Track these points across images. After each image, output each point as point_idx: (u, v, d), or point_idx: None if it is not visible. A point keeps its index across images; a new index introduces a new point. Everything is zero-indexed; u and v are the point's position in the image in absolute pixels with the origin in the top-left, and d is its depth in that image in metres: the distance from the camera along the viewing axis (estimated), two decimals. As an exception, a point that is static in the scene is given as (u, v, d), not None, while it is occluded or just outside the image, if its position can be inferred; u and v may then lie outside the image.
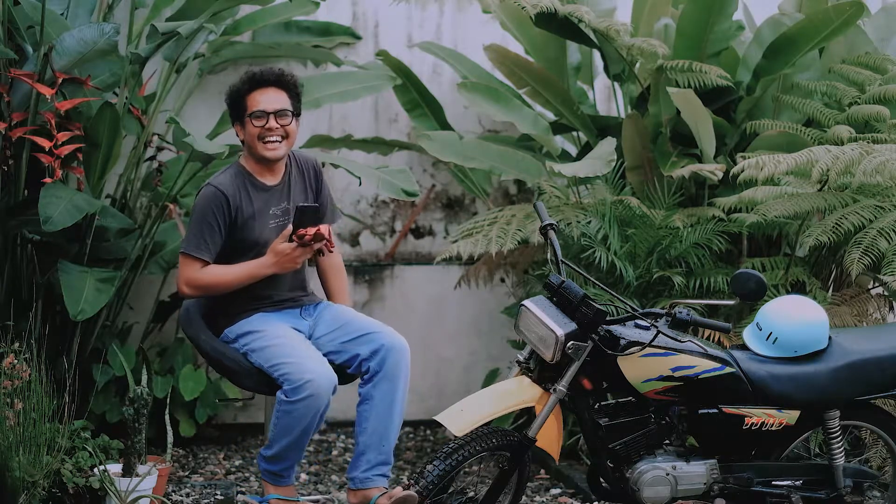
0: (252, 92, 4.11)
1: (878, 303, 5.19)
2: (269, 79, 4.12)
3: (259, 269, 4.05)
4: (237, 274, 4.07)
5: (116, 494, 4.35)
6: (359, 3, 6.30)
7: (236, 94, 4.13)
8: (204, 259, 4.05)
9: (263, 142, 4.08)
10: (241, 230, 4.10)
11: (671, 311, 3.76)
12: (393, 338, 4.10)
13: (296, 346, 4.05)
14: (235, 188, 4.11)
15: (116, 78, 5.16)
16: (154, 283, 5.83)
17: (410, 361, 4.19)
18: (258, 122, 4.07)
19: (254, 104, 4.09)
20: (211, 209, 4.06)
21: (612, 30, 5.28)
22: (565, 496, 5.09)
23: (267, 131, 4.07)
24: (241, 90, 4.12)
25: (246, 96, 4.11)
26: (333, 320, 4.23)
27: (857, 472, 4.25)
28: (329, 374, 3.99)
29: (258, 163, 4.16)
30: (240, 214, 4.09)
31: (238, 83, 4.15)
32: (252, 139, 4.10)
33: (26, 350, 4.41)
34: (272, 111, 4.08)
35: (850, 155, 4.54)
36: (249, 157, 4.19)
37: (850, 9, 5.16)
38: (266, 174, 4.18)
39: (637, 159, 5.44)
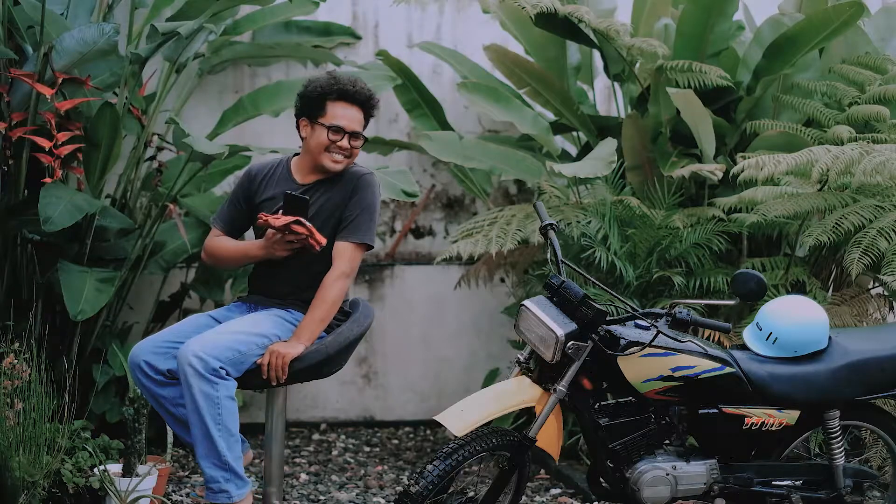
0: (337, 102, 4.09)
1: (878, 303, 5.19)
2: (358, 99, 4.11)
3: (252, 248, 4.14)
4: (233, 248, 4.21)
5: (116, 494, 4.35)
6: (359, 3, 6.30)
7: (318, 95, 4.10)
8: (219, 228, 4.25)
9: (329, 153, 4.10)
10: (255, 212, 4.16)
11: (671, 311, 3.76)
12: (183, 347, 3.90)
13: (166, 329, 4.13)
14: (266, 171, 4.23)
15: (116, 78, 5.16)
16: (154, 283, 5.84)
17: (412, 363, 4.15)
18: (334, 135, 4.08)
19: (335, 116, 4.08)
20: (238, 185, 4.27)
21: (612, 30, 5.28)
22: (565, 496, 5.09)
23: (337, 147, 4.09)
24: (326, 94, 4.09)
25: (328, 102, 4.09)
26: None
27: (857, 472, 4.25)
28: (137, 352, 3.98)
29: (307, 163, 4.18)
30: (258, 195, 4.19)
31: (325, 84, 4.10)
32: (319, 146, 4.10)
33: (26, 350, 4.41)
34: (350, 131, 4.09)
35: (850, 155, 4.54)
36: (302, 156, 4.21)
37: (849, 9, 5.16)
38: (302, 173, 4.20)
39: (637, 159, 5.44)
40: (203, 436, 3.91)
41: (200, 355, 3.83)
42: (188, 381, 3.85)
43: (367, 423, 6.34)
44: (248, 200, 4.22)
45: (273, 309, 4.15)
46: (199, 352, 3.84)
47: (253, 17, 5.87)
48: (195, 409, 3.86)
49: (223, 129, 5.67)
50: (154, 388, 3.99)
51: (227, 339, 3.92)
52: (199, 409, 3.87)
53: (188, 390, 3.85)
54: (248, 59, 6.12)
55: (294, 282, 4.14)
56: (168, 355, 3.98)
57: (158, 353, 3.98)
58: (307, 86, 4.14)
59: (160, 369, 3.97)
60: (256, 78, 6.20)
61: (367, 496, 5.08)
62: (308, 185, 4.15)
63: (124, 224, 5.27)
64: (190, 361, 3.83)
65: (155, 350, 3.98)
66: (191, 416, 3.88)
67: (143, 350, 3.98)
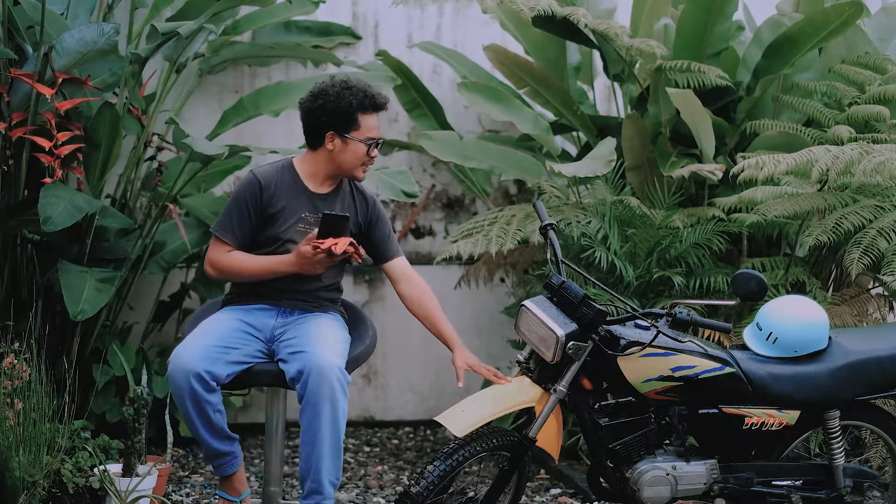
0: (367, 114, 4.05)
1: (878, 303, 5.19)
2: (382, 105, 4.09)
3: (281, 265, 4.00)
4: (258, 265, 4.04)
5: (116, 494, 4.35)
6: (359, 3, 6.30)
7: (349, 108, 4.02)
8: (227, 242, 4.04)
9: (363, 165, 4.07)
10: (267, 222, 4.05)
11: (671, 311, 3.76)
12: (318, 359, 3.83)
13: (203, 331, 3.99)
14: (274, 179, 4.07)
15: (116, 78, 5.16)
16: (154, 283, 5.84)
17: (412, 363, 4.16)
18: (374, 150, 4.07)
19: (369, 129, 4.05)
20: (244, 195, 4.04)
21: (611, 31, 5.28)
22: (565, 496, 5.09)
23: (370, 159, 4.08)
24: (357, 106, 4.03)
25: (359, 114, 4.03)
26: (298, 329, 4.07)
27: (857, 472, 4.25)
28: (189, 362, 3.84)
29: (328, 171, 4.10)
30: (270, 206, 4.04)
31: (353, 97, 4.02)
32: (355, 160, 4.05)
33: (26, 350, 4.41)
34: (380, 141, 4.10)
35: (850, 155, 4.54)
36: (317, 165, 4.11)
37: (849, 9, 5.17)
38: (315, 181, 4.12)
39: (637, 159, 5.44)
40: (333, 453, 3.90)
41: (343, 371, 3.87)
42: (334, 396, 3.83)
43: (367, 423, 6.34)
44: (258, 211, 4.06)
45: (316, 313, 4.16)
46: (342, 366, 3.88)
47: (253, 17, 5.86)
48: (334, 425, 3.86)
49: (223, 129, 5.67)
50: (206, 394, 3.90)
51: (344, 350, 4.00)
52: (338, 426, 3.88)
53: (331, 406, 3.83)
54: (248, 60, 6.11)
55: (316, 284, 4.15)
56: (222, 361, 3.92)
57: (215, 361, 3.91)
58: (334, 99, 4.02)
59: (220, 376, 3.92)
60: (256, 78, 6.20)
61: (367, 496, 5.08)
62: (325, 195, 4.12)
63: (124, 224, 5.26)
64: (338, 377, 3.83)
65: (209, 358, 3.90)
66: (325, 432, 3.85)
67: (197, 359, 3.87)
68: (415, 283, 4.20)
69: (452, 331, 4.15)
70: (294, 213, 4.06)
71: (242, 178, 4.03)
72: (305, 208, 4.09)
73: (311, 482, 3.91)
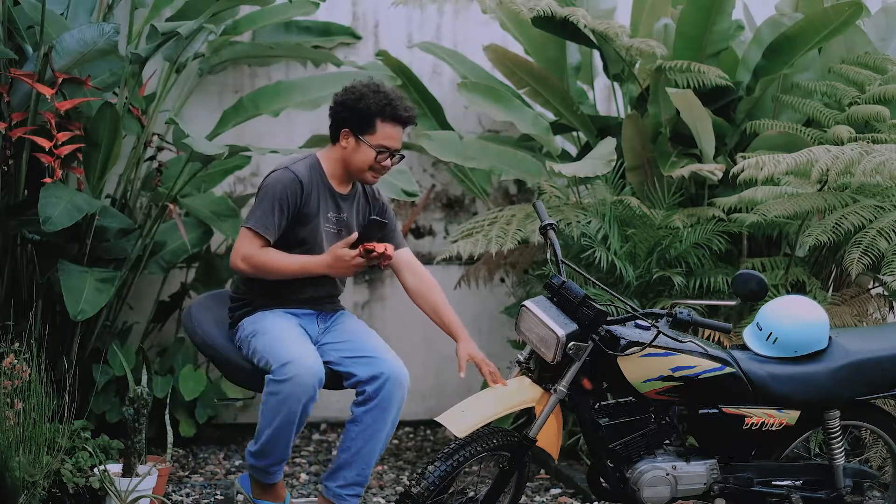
0: (387, 122, 3.99)
1: (878, 303, 5.20)
2: (405, 118, 4.03)
3: (314, 266, 3.95)
4: (292, 264, 3.96)
5: (116, 494, 4.35)
6: (359, 3, 6.30)
7: (368, 110, 3.97)
8: (266, 238, 3.94)
9: (372, 170, 4.03)
10: (297, 223, 4.00)
11: (672, 312, 3.76)
12: (395, 368, 3.99)
13: (291, 337, 3.98)
14: (308, 179, 4.01)
15: (116, 78, 5.16)
16: (154, 283, 5.84)
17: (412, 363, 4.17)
18: (381, 156, 4.01)
19: (385, 137, 3.99)
20: (286, 193, 3.95)
21: (611, 31, 5.28)
22: (565, 496, 5.09)
23: (382, 168, 4.03)
24: (376, 111, 3.98)
25: (378, 120, 3.98)
26: (344, 332, 4.15)
27: (858, 472, 4.25)
28: (316, 365, 3.88)
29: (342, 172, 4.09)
30: (305, 208, 4.00)
31: (376, 101, 3.97)
32: (362, 163, 4.01)
33: (26, 350, 4.41)
34: (395, 152, 4.05)
35: (850, 155, 4.54)
36: (335, 162, 4.09)
37: (849, 9, 5.17)
38: (339, 182, 4.10)
39: (637, 159, 5.44)
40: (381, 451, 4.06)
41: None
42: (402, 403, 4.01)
43: (367, 423, 6.33)
44: (297, 210, 3.99)
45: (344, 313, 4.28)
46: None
47: (253, 17, 5.86)
48: (392, 427, 4.01)
49: (223, 129, 5.67)
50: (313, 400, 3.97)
51: None
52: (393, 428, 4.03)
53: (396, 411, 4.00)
54: (248, 60, 6.11)
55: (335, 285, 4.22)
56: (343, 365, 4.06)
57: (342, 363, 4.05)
58: (357, 98, 3.98)
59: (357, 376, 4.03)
60: (256, 78, 6.20)
61: (367, 496, 5.08)
62: (345, 196, 4.12)
63: (124, 224, 5.27)
64: (408, 385, 3.99)
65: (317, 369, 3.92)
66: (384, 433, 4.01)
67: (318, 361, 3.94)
68: (420, 274, 4.20)
69: (458, 322, 4.15)
70: (323, 214, 4.05)
71: (279, 175, 3.96)
72: (331, 208, 4.09)
73: (357, 475, 4.04)
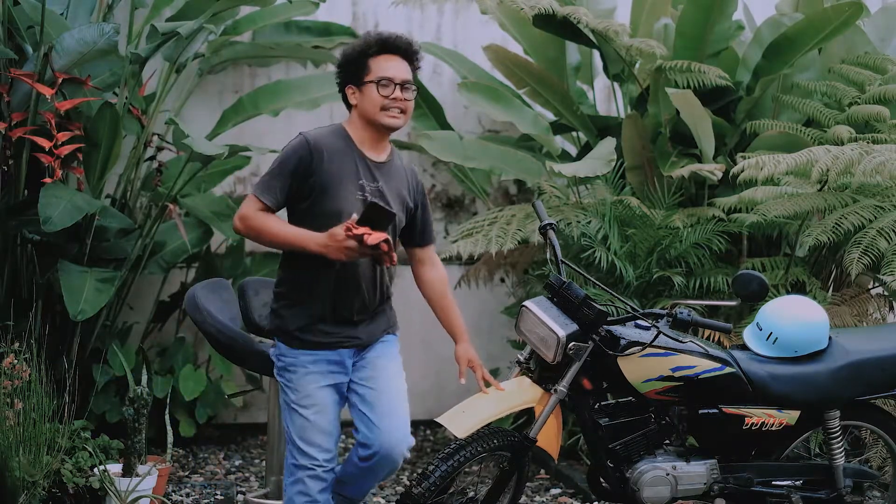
0: (378, 56, 3.75)
1: (878, 303, 5.20)
2: (400, 46, 3.77)
3: (308, 240, 3.63)
4: (287, 234, 3.69)
5: (116, 494, 4.35)
6: (359, 3, 6.30)
7: (358, 54, 3.76)
8: (266, 203, 3.68)
9: (386, 111, 3.73)
10: (322, 190, 3.70)
11: (672, 312, 3.76)
12: (390, 445, 3.75)
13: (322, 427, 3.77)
14: (327, 143, 3.73)
15: (116, 78, 5.16)
16: (154, 283, 5.84)
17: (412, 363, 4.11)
18: (384, 90, 3.71)
19: (380, 70, 3.73)
20: (290, 157, 3.70)
21: (611, 30, 5.28)
22: (565, 496, 5.09)
23: (392, 101, 3.72)
24: (366, 51, 3.75)
25: (369, 59, 3.75)
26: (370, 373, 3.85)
27: (858, 472, 4.25)
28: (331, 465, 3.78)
29: (368, 131, 3.78)
30: (322, 171, 3.69)
31: (362, 43, 3.78)
32: (372, 106, 3.73)
33: (26, 350, 4.41)
34: (399, 81, 3.74)
35: (850, 155, 4.54)
36: (357, 125, 3.80)
37: (849, 9, 5.17)
38: (370, 146, 3.79)
39: (637, 159, 5.44)
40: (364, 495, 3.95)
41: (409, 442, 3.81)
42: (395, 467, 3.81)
43: (367, 423, 6.32)
44: (305, 175, 3.68)
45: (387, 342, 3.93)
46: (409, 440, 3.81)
47: (253, 17, 5.86)
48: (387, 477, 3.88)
49: (223, 128, 5.67)
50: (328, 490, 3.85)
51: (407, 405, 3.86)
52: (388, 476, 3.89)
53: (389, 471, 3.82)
54: (248, 60, 6.11)
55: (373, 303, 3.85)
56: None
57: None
58: (346, 51, 3.83)
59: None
60: (256, 78, 6.20)
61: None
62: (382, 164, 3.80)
63: (124, 224, 5.27)
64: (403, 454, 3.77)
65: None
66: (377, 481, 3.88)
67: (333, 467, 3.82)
68: (439, 269, 4.07)
69: (462, 324, 4.06)
70: (350, 181, 3.73)
71: (293, 141, 3.74)
72: (363, 176, 3.76)
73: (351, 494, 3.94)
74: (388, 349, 3.93)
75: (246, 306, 4.37)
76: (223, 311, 4.39)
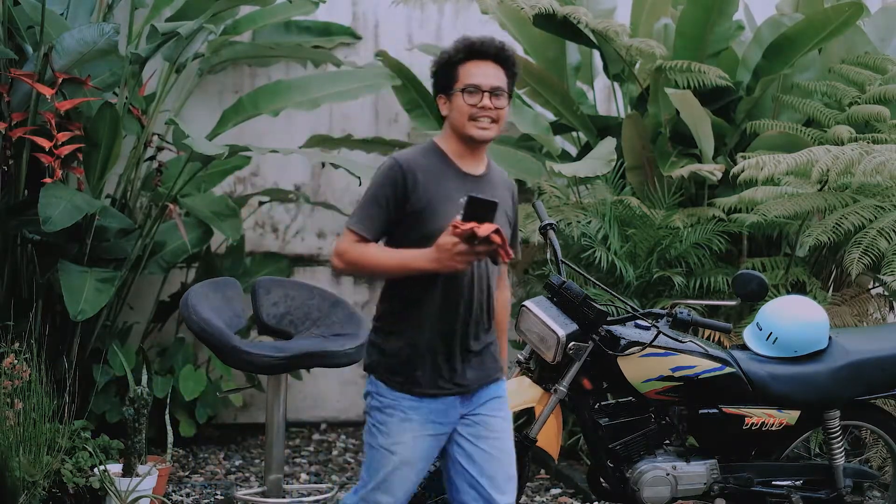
0: (466, 62, 3.47)
1: (878, 303, 5.20)
2: (488, 51, 3.48)
3: (416, 259, 3.31)
4: (390, 260, 3.38)
5: (116, 494, 4.35)
6: (359, 3, 6.30)
7: (447, 63, 3.50)
8: (362, 235, 3.39)
9: (474, 121, 3.45)
10: (421, 214, 3.40)
11: (672, 312, 3.76)
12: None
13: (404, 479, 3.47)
14: (420, 164, 3.45)
15: (116, 78, 5.16)
16: (154, 283, 5.84)
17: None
18: (471, 98, 3.43)
19: (467, 77, 3.46)
20: (383, 183, 3.41)
21: (611, 31, 5.28)
22: (565, 496, 5.09)
23: (480, 110, 3.44)
24: (454, 58, 3.49)
25: (458, 66, 3.47)
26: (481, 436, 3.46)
27: (858, 472, 4.25)
28: None
29: (461, 143, 3.50)
30: (420, 193, 3.40)
31: (451, 50, 3.52)
32: (460, 116, 3.45)
33: (26, 350, 4.41)
34: (487, 88, 3.45)
35: (850, 155, 4.54)
36: (450, 137, 3.52)
37: (849, 9, 5.17)
38: (466, 159, 3.50)
39: (637, 159, 5.44)
40: None
41: None
42: None
43: (367, 423, 6.32)
44: (402, 200, 3.40)
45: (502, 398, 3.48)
46: None
47: (253, 17, 5.86)
48: None
49: (223, 128, 5.67)
50: None
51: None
52: None
53: None
54: (248, 59, 6.11)
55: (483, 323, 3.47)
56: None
57: None
58: (436, 59, 3.57)
59: None
60: (256, 78, 6.20)
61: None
62: (479, 178, 3.51)
63: (124, 224, 5.26)
64: None
65: None
66: None
67: None
68: (504, 293, 3.64)
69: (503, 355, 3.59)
70: (451, 199, 3.42)
71: (381, 165, 3.48)
72: (463, 192, 3.40)
73: None
74: (502, 406, 3.51)
75: (257, 305, 4.43)
76: (221, 308, 4.39)
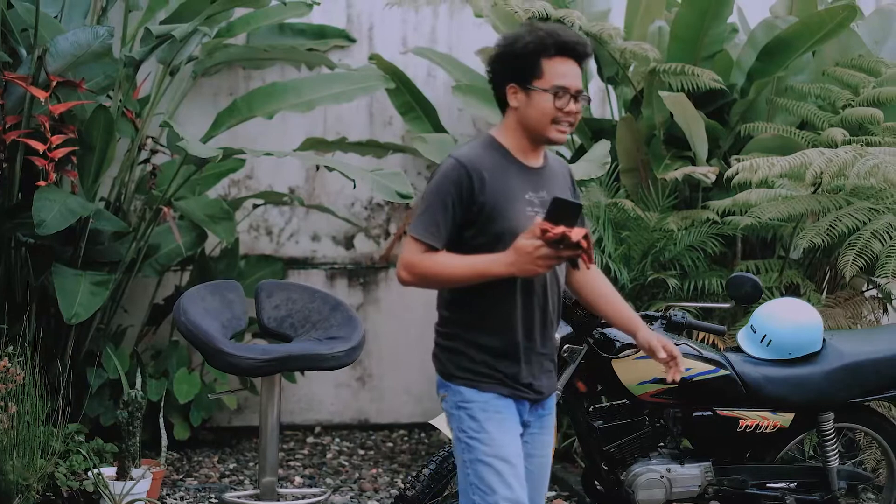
0: (552, 58, 3.19)
1: (872, 305, 5.20)
2: (580, 51, 3.20)
3: (492, 265, 3.09)
4: (464, 266, 3.14)
5: (110, 498, 4.34)
6: (353, 5, 6.30)
7: (530, 52, 3.19)
8: (430, 244, 3.15)
9: (556, 123, 3.20)
10: (489, 215, 3.18)
11: (666, 314, 3.77)
12: None
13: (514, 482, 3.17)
14: (483, 161, 3.21)
15: (110, 81, 5.15)
16: (148, 286, 5.83)
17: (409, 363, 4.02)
18: (560, 101, 3.17)
19: (556, 75, 3.18)
20: (447, 184, 3.17)
21: (605, 33, 5.29)
22: (560, 499, 5.09)
23: (565, 115, 3.19)
24: (540, 49, 3.18)
25: (543, 58, 3.18)
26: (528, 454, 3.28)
27: (852, 474, 4.26)
28: None
29: (526, 139, 3.26)
30: (487, 192, 3.17)
31: (535, 39, 3.19)
32: (542, 116, 3.19)
33: (20, 353, 4.40)
34: (574, 92, 3.19)
35: (844, 157, 4.55)
36: (515, 132, 3.26)
37: (843, 11, 5.18)
38: (527, 153, 3.27)
39: (631, 162, 5.44)
40: None
41: None
42: None
43: (362, 426, 6.33)
44: (468, 202, 3.17)
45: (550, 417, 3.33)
46: None
47: (247, 19, 5.86)
48: None
49: (217, 131, 5.66)
50: None
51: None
52: None
53: None
54: (243, 62, 6.11)
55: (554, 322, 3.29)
56: None
57: None
58: (512, 42, 3.23)
59: None
60: (251, 80, 6.19)
61: (362, 499, 5.08)
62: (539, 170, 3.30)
63: (118, 227, 5.26)
64: None
65: None
66: None
67: None
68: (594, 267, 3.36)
69: (630, 311, 3.40)
70: (517, 196, 3.22)
71: (441, 166, 3.22)
72: (528, 188, 3.25)
73: None
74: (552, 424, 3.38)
75: (258, 308, 4.48)
76: (219, 311, 4.39)
